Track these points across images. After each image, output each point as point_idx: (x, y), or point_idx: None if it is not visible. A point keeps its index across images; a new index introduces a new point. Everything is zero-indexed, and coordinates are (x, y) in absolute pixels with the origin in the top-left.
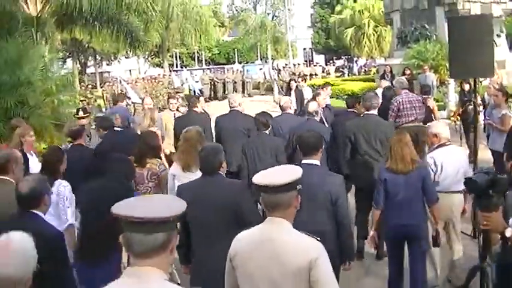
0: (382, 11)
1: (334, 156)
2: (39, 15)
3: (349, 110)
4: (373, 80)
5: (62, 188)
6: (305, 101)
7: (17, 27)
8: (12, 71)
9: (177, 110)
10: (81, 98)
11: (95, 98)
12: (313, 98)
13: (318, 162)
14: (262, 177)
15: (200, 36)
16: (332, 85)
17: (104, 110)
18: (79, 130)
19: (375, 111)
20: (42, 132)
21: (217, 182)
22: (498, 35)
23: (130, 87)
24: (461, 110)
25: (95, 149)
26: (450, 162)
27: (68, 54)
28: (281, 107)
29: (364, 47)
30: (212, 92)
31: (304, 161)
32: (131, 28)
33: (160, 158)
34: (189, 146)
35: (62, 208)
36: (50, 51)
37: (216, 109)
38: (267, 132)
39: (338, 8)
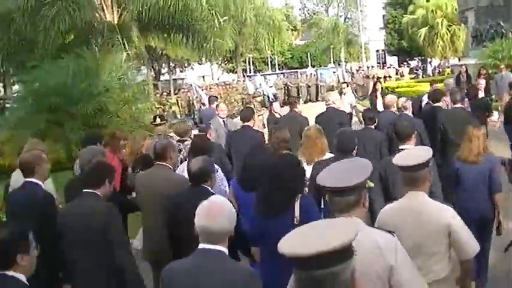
0: (455, 10)
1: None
2: (122, 22)
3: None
4: None
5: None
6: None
7: (98, 35)
8: (91, 80)
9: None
10: (157, 105)
11: (170, 105)
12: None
13: (413, 146)
14: (402, 159)
15: (273, 40)
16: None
17: (178, 116)
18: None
19: (459, 105)
20: None
21: None
22: None
23: (204, 93)
24: None
25: None
26: None
27: (142, 62)
28: (385, 105)
29: (438, 47)
30: (286, 97)
31: (400, 147)
32: (204, 34)
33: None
34: (311, 141)
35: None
36: (127, 60)
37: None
38: (372, 126)
39: (411, 8)
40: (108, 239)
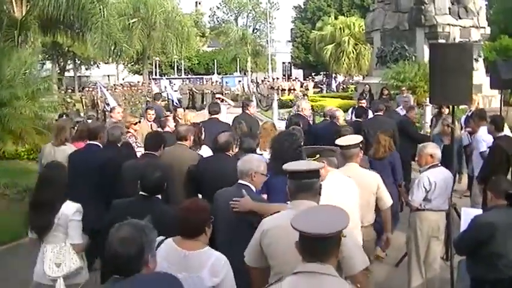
0: (362, 29)
1: None
2: (24, 18)
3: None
4: (351, 98)
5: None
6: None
7: (2, 29)
8: None
9: (153, 121)
10: (61, 103)
11: (73, 102)
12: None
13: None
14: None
15: (181, 45)
16: (312, 101)
17: (82, 115)
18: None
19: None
20: (23, 135)
21: None
22: (476, 59)
23: (109, 93)
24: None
25: None
26: (441, 182)
27: (47, 56)
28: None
29: (343, 64)
30: (190, 102)
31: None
32: (115, 36)
33: None
34: (267, 132)
35: None
36: (32, 54)
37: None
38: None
39: (319, 24)
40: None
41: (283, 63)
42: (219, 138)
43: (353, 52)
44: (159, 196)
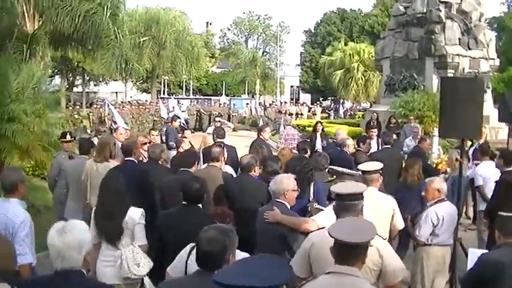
0: (372, 56)
1: None
2: (35, 32)
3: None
4: (358, 125)
5: None
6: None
7: (11, 42)
8: (3, 87)
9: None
10: (68, 119)
11: (81, 119)
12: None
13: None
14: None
15: (191, 65)
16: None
17: (89, 131)
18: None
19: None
20: (30, 151)
21: None
22: (484, 91)
23: (117, 111)
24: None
25: None
26: (448, 216)
27: (56, 71)
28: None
29: (352, 90)
30: (197, 123)
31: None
32: (126, 55)
33: None
34: (286, 158)
35: None
36: (41, 69)
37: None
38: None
39: (329, 49)
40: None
41: (292, 86)
42: (242, 160)
43: (362, 78)
44: (200, 205)
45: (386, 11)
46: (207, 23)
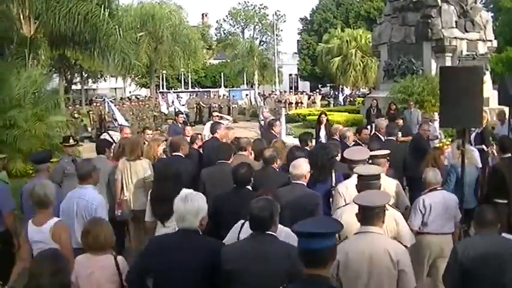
0: (369, 42)
1: None
2: (34, 36)
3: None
4: (358, 112)
5: None
6: None
7: (9, 47)
8: (3, 92)
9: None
10: (69, 118)
11: (81, 118)
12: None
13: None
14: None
15: (188, 58)
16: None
17: (89, 129)
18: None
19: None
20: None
21: None
22: (484, 73)
23: (117, 109)
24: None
25: None
26: (438, 205)
27: (54, 69)
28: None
29: (350, 76)
30: (197, 116)
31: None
32: (124, 53)
33: None
34: (277, 151)
35: None
36: (42, 74)
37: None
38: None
39: (325, 36)
40: None
41: (290, 75)
42: (265, 153)
43: (360, 64)
44: (249, 187)
45: None
46: (203, 14)
